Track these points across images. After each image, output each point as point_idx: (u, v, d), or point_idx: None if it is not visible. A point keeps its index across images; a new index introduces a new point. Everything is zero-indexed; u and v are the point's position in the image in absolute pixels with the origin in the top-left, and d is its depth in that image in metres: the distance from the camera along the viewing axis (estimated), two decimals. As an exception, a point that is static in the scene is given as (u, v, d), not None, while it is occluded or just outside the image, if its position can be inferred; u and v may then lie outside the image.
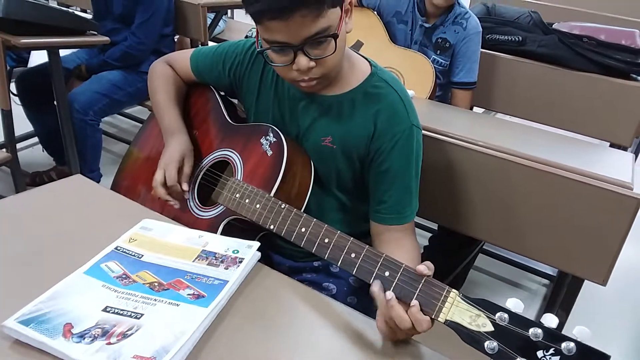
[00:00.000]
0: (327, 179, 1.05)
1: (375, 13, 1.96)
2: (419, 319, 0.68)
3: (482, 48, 1.93)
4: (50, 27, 1.78)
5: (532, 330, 0.60)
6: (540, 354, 0.59)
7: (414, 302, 0.69)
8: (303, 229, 0.85)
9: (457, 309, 0.67)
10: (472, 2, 3.03)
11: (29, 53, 2.46)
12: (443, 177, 1.27)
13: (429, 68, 1.83)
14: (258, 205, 0.93)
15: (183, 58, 1.18)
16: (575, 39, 1.98)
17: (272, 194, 0.94)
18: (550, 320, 0.61)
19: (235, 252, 0.84)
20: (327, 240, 0.81)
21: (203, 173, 1.09)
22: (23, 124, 2.29)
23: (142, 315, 0.69)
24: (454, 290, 0.69)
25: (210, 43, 2.41)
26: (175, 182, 1.03)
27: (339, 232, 0.81)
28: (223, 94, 1.19)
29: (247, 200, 0.95)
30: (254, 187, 0.96)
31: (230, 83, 1.13)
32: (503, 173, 1.20)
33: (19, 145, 2.40)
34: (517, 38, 2.08)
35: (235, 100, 1.20)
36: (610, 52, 1.93)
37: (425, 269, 0.71)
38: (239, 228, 0.98)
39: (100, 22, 2.11)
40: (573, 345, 0.58)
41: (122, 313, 0.69)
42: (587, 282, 1.23)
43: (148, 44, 2.23)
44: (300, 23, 0.82)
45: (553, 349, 0.59)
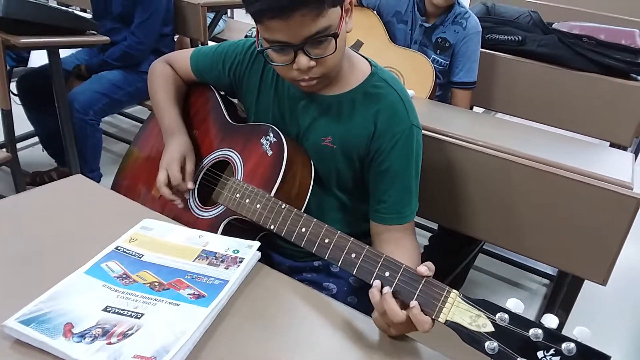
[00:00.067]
0: (327, 179, 1.05)
1: (375, 13, 1.96)
2: (420, 320, 0.68)
3: (481, 48, 1.93)
4: (50, 26, 1.78)
5: (532, 331, 0.60)
6: (541, 355, 0.59)
7: (414, 302, 0.69)
8: (303, 229, 0.85)
9: (457, 310, 0.67)
10: (471, 1, 3.02)
11: (29, 53, 2.46)
12: (443, 176, 1.27)
13: (429, 68, 1.83)
14: (258, 205, 0.93)
15: (183, 58, 1.18)
16: (575, 39, 1.98)
17: (272, 194, 0.94)
18: (551, 321, 0.61)
19: (236, 251, 0.84)
20: (327, 241, 0.81)
21: (203, 173, 1.09)
22: (23, 124, 2.29)
23: (142, 315, 0.69)
24: (454, 291, 0.69)
25: (210, 43, 2.41)
26: (180, 180, 1.03)
27: (339, 232, 0.81)
28: (223, 94, 1.19)
29: (247, 200, 0.95)
30: (254, 187, 0.96)
31: (230, 82, 1.13)
32: (503, 173, 1.20)
33: (19, 145, 2.41)
34: (516, 38, 2.08)
35: (235, 100, 1.20)
36: (610, 51, 1.93)
37: (426, 270, 0.71)
38: (240, 228, 0.98)
39: (100, 21, 2.11)
40: (573, 346, 0.58)
41: (122, 313, 0.69)
42: (587, 282, 1.23)
43: (147, 44, 2.23)
44: (301, 22, 0.82)
45: (553, 350, 0.59)
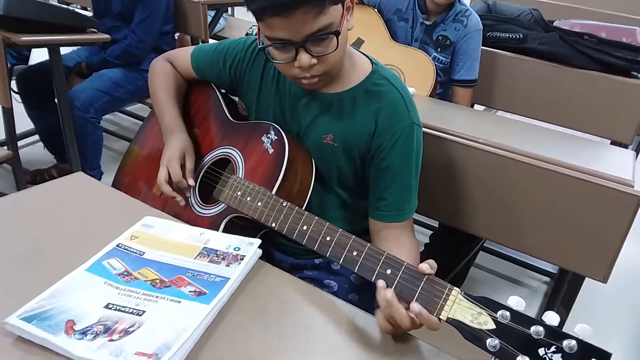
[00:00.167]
0: (328, 177, 1.05)
1: (376, 10, 1.96)
2: (428, 320, 0.68)
3: (482, 45, 1.93)
4: (51, 24, 1.78)
5: (533, 328, 0.60)
6: (542, 352, 0.59)
7: (418, 306, 0.69)
8: (305, 227, 0.85)
9: (458, 307, 0.67)
10: (472, -1, 3.02)
11: (30, 50, 2.47)
12: (444, 174, 1.27)
13: (430, 65, 1.83)
14: (260, 203, 0.93)
15: (183, 55, 1.18)
16: (576, 37, 1.97)
17: (273, 192, 0.94)
18: (552, 318, 0.61)
19: (237, 249, 0.84)
20: (328, 238, 0.81)
21: (204, 171, 1.09)
22: (24, 122, 2.29)
23: (143, 312, 0.69)
24: (456, 288, 0.69)
25: (211, 41, 2.41)
26: (181, 177, 1.03)
27: (341, 230, 0.81)
28: (224, 92, 1.19)
29: (248, 198, 0.95)
30: (256, 185, 0.96)
31: (231, 80, 1.13)
32: (504, 170, 1.20)
33: (20, 143, 2.40)
34: (517, 35, 2.07)
35: (236, 98, 1.20)
36: (611, 49, 1.93)
37: (428, 268, 0.71)
38: (241, 226, 0.98)
39: (100, 20, 2.11)
40: (574, 343, 0.58)
41: (124, 310, 0.69)
42: (587, 279, 1.23)
43: (148, 42, 2.23)
44: (302, 20, 0.82)
45: (555, 347, 0.59)
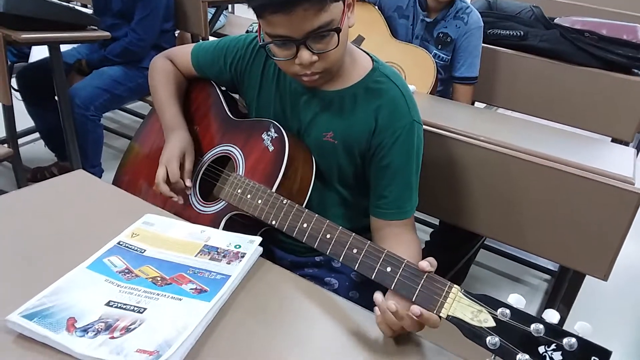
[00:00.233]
0: (328, 174, 1.05)
1: (377, 8, 1.96)
2: (428, 318, 0.68)
3: (483, 43, 1.92)
4: (51, 22, 1.78)
5: (533, 326, 0.60)
6: (542, 350, 0.59)
7: (417, 309, 0.68)
8: (305, 225, 0.85)
9: (459, 305, 0.67)
10: (473, -4, 3.02)
11: (30, 48, 2.46)
12: (444, 172, 1.27)
13: (430, 63, 1.83)
14: (260, 201, 0.93)
15: (184, 53, 1.18)
16: (577, 34, 1.97)
17: (273, 190, 0.94)
18: (552, 316, 0.61)
19: (237, 247, 0.84)
20: (328, 236, 0.81)
21: (204, 168, 1.09)
22: (24, 119, 2.29)
23: (145, 310, 0.69)
24: (456, 286, 0.69)
25: (211, 38, 2.40)
26: (178, 178, 1.03)
27: (341, 227, 0.81)
28: (224, 89, 1.19)
29: (248, 196, 0.95)
30: (256, 182, 0.96)
31: (232, 78, 1.12)
32: (504, 168, 1.20)
33: (21, 141, 2.40)
34: (518, 33, 2.07)
35: (237, 95, 1.20)
36: (612, 47, 1.93)
37: (428, 265, 0.71)
38: (241, 223, 0.98)
39: (100, 17, 2.11)
40: (574, 341, 0.58)
41: (125, 307, 0.69)
42: (588, 277, 1.23)
43: (148, 40, 2.23)
44: (303, 17, 0.82)
45: (555, 345, 0.59)
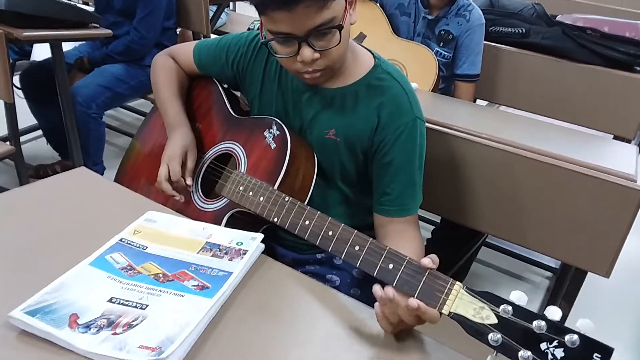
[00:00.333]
0: (330, 172, 1.05)
1: (378, 5, 1.95)
2: (425, 311, 0.68)
3: (485, 40, 1.92)
4: (53, 19, 1.78)
5: (535, 323, 0.60)
6: (544, 346, 0.59)
7: (415, 302, 0.68)
8: (307, 222, 0.85)
9: (461, 302, 0.67)
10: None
11: (32, 46, 2.47)
12: (446, 169, 1.27)
13: (432, 60, 1.82)
14: (262, 198, 0.93)
15: (186, 50, 1.18)
16: (579, 31, 1.97)
17: (275, 187, 0.94)
18: (554, 313, 0.61)
19: (239, 244, 0.84)
20: (331, 233, 0.81)
21: (207, 166, 1.09)
22: (27, 117, 2.29)
23: (147, 306, 0.69)
24: (458, 283, 0.69)
25: (213, 36, 2.41)
26: (180, 176, 1.03)
27: (343, 224, 0.81)
28: (226, 87, 1.19)
29: (250, 193, 0.95)
30: (258, 179, 0.96)
31: (234, 75, 1.12)
32: (506, 165, 1.20)
33: (23, 139, 2.41)
34: (520, 30, 2.07)
35: (239, 93, 1.20)
36: (614, 44, 1.92)
37: (430, 262, 0.71)
38: (243, 220, 0.99)
39: (102, 15, 2.11)
40: (577, 338, 0.58)
41: (127, 304, 0.69)
42: (589, 274, 1.23)
43: (150, 38, 2.23)
44: (305, 14, 0.82)
45: (557, 342, 0.59)
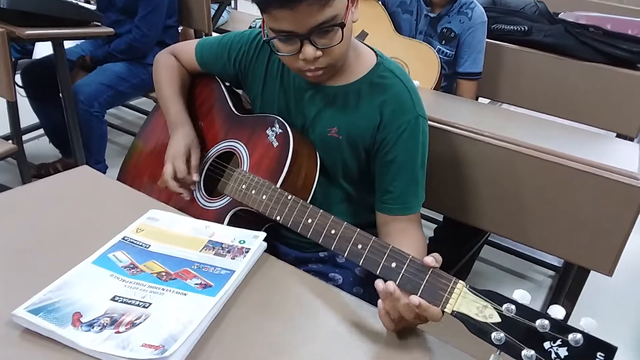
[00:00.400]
0: (333, 170, 1.05)
1: (380, 3, 1.95)
2: (427, 308, 0.68)
3: (487, 38, 1.92)
4: (55, 18, 1.78)
5: (539, 322, 0.60)
6: (547, 345, 0.59)
7: (417, 300, 0.68)
8: (309, 220, 0.85)
9: (464, 300, 0.67)
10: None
11: (33, 44, 2.46)
12: (448, 167, 1.27)
13: (434, 58, 1.82)
14: (264, 197, 0.93)
15: (188, 49, 1.18)
16: (582, 29, 1.96)
17: (278, 185, 0.94)
18: (557, 312, 0.61)
19: (242, 242, 0.84)
20: (333, 232, 0.81)
21: (209, 164, 1.09)
22: (29, 116, 2.29)
23: (150, 305, 0.69)
24: (461, 282, 0.68)
25: (214, 34, 2.40)
26: (186, 174, 1.04)
27: (346, 223, 0.81)
28: (228, 85, 1.19)
29: (253, 192, 0.95)
30: (260, 178, 0.96)
31: (236, 73, 1.12)
32: (509, 163, 1.20)
33: (25, 137, 2.41)
34: (522, 28, 2.06)
35: (241, 91, 1.20)
36: (617, 41, 1.92)
37: (433, 261, 0.71)
38: (246, 219, 0.99)
39: (104, 13, 2.10)
40: (580, 337, 0.58)
41: (130, 302, 0.69)
42: (592, 273, 1.23)
43: (152, 37, 2.23)
44: (307, 12, 0.82)
45: (560, 340, 0.59)
